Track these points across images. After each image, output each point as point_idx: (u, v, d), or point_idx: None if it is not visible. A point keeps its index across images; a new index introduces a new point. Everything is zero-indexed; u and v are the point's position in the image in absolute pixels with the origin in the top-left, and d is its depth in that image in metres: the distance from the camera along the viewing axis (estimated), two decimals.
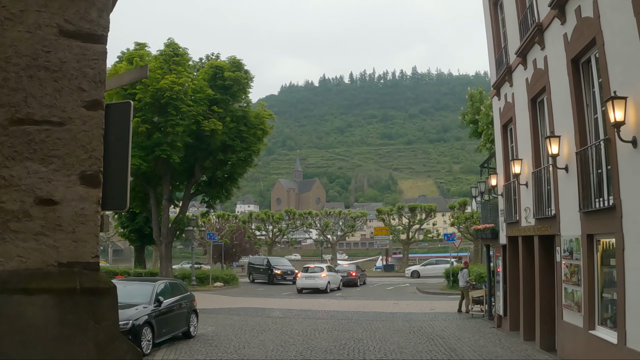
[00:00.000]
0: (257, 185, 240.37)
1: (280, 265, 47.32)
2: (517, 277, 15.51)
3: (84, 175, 4.04)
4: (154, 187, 40.72)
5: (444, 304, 26.76)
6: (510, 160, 15.98)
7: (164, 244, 40.72)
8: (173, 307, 15.42)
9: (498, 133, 17.68)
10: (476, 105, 37.06)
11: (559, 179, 12.02)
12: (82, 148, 4.05)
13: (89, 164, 4.07)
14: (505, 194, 16.43)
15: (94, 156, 4.10)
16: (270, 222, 67.17)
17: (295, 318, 21.90)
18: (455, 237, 39.94)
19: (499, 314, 17.58)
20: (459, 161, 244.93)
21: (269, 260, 48.52)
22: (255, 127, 39.95)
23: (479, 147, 38.10)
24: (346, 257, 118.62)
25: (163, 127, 36.66)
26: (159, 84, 35.77)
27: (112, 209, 6.46)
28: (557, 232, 12.21)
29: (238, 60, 40.48)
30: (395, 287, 41.65)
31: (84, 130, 4.08)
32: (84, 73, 4.09)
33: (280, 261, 50.05)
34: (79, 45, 4.08)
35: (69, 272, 3.92)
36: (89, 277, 3.97)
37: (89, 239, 4.04)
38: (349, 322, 20.31)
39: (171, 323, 15.17)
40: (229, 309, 25.63)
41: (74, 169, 4.01)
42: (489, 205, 19.65)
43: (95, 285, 3.96)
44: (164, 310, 14.74)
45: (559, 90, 11.93)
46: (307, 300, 30.79)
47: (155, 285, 15.12)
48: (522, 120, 14.73)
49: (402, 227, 60.98)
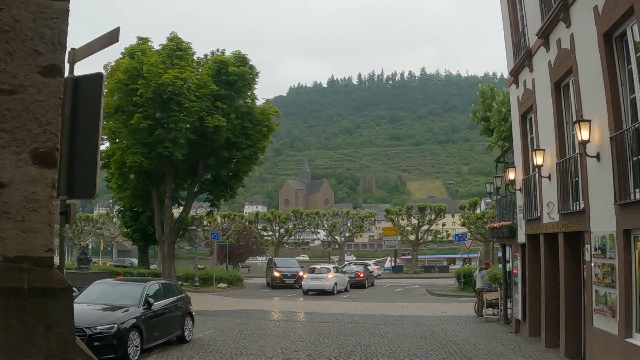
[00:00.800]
0: (265, 186, 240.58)
1: (284, 266, 42.94)
2: (538, 279, 14.29)
3: (37, 153, 3.50)
4: (156, 186, 39.75)
5: (455, 307, 25.54)
6: (531, 152, 14.78)
7: (166, 244, 39.71)
8: (165, 309, 14.30)
9: (516, 123, 16.44)
10: (487, 102, 35.95)
11: (588, 169, 10.79)
12: (36, 121, 3.50)
13: (43, 139, 3.50)
14: (525, 188, 15.20)
15: (49, 131, 3.54)
16: (277, 222, 66.02)
17: (300, 321, 20.76)
18: (467, 237, 38.63)
19: (516, 318, 16.33)
20: (468, 162, 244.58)
21: (274, 262, 44.73)
22: (261, 123, 38.89)
23: (490, 145, 37.02)
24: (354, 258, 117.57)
25: (165, 124, 35.69)
26: (161, 79, 34.78)
27: (79, 196, 5.37)
28: (586, 228, 10.98)
29: (243, 55, 39.44)
30: (404, 288, 40.43)
31: (38, 100, 3.52)
32: (40, 34, 3.56)
33: (288, 262, 45.54)
34: (37, 2, 3.54)
35: (15, 268, 3.40)
36: (40, 275, 3.43)
37: (41, 230, 3.48)
38: (355, 326, 19.12)
39: (163, 327, 14.05)
40: (230, 311, 24.51)
41: (24, 146, 3.45)
42: (505, 201, 18.41)
43: (46, 285, 3.44)
44: (155, 313, 13.63)
45: (588, 70, 10.73)
46: (313, 302, 29.64)
47: (146, 286, 13.99)
48: (545, 107, 13.52)
49: (411, 227, 59.66)
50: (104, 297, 13.74)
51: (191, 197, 41.46)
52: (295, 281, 39.59)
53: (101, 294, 13.93)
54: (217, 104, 36.98)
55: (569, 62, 11.74)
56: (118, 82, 36.30)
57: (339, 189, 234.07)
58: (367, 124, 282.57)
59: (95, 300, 13.56)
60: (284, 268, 41.89)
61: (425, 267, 64.81)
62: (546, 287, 13.66)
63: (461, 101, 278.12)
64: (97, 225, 79.89)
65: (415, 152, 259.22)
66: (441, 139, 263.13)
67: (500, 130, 32.12)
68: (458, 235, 37.97)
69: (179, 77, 35.01)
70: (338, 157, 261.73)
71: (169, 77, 34.72)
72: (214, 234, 43.54)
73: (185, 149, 37.01)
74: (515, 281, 16.52)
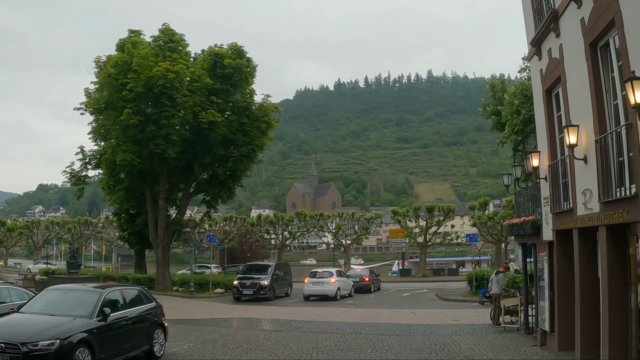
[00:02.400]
0: (272, 190, 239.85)
1: (247, 274, 33.97)
2: (570, 282, 11.99)
3: None
4: (150, 186, 37.71)
5: (468, 314, 23.20)
6: (558, 132, 12.53)
7: (160, 247, 37.65)
8: (128, 321, 12.11)
9: (539, 102, 14.12)
10: (498, 95, 33.74)
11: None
12: None
13: None
14: (552, 176, 12.89)
15: None
16: (280, 224, 63.78)
17: (294, 331, 18.49)
18: (478, 237, 36.26)
19: (542, 328, 13.96)
20: (476, 164, 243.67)
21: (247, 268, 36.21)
22: (259, 119, 36.76)
23: (502, 140, 34.74)
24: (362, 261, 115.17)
25: (157, 120, 33.64)
26: (152, 72, 32.73)
27: None
28: (638, 218, 8.70)
29: (239, 47, 37.35)
30: (412, 293, 38.08)
31: None
32: None
33: (261, 267, 35.48)
34: None
35: None
36: None
37: None
38: (356, 338, 16.84)
39: (124, 341, 11.84)
40: (220, 319, 22.31)
41: None
42: (525, 194, 16.08)
43: None
44: (112, 325, 11.43)
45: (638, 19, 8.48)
46: (313, 308, 27.39)
47: (102, 293, 11.79)
48: (577, 76, 11.24)
49: (419, 229, 57.27)
50: (52, 306, 11.56)
51: (186, 198, 39.35)
52: (256, 291, 31.78)
53: (49, 303, 11.75)
54: (211, 99, 34.91)
55: (609, 13, 9.47)
56: (108, 77, 34.35)
57: (346, 192, 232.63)
58: (374, 127, 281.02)
59: (41, 310, 11.40)
60: (244, 276, 33.63)
61: (434, 270, 62.52)
62: (582, 293, 11.34)
63: (468, 103, 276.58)
64: (97, 230, 77.97)
65: (422, 155, 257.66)
66: (449, 141, 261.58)
67: (512, 124, 29.84)
68: (469, 235, 35.55)
69: (171, 70, 32.96)
70: (345, 160, 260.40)
71: (159, 70, 32.69)
72: (210, 237, 41.19)
73: (178, 147, 35.00)
74: (540, 285, 14.16)
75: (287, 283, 35.97)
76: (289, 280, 36.42)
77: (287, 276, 36.25)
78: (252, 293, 31.69)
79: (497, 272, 19.64)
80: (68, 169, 39.63)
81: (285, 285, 35.46)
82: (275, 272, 33.86)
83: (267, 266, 35.31)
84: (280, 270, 35.62)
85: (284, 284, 35.35)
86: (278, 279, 34.03)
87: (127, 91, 32.88)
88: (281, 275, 35.03)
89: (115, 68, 34.18)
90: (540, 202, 14.16)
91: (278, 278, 34.07)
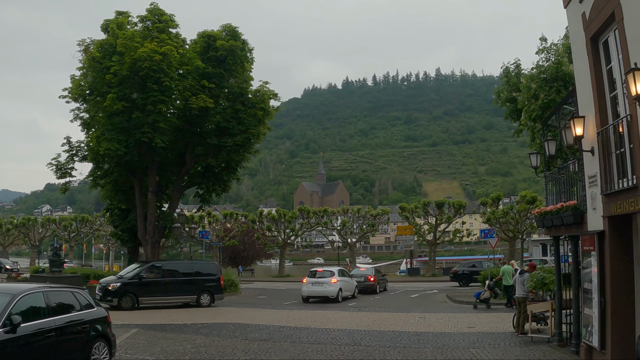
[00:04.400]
0: (280, 189, 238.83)
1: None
2: (629, 285, 9.12)
3: None
4: (139, 179, 35.01)
5: (485, 320, 20.26)
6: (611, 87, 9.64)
7: (150, 244, 34.92)
8: (51, 332, 9.31)
9: (582, 55, 11.12)
10: (513, 80, 30.82)
11: None
12: None
13: None
14: (602, 146, 9.98)
15: None
16: (283, 221, 60.90)
17: (282, 341, 15.67)
18: (494, 233, 33.31)
19: (588, 343, 10.96)
20: (485, 163, 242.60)
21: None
22: (255, 106, 33.95)
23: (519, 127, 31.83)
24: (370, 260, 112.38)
25: (143, 105, 30.91)
26: (137, 53, 30.01)
27: None
28: None
29: (234, 27, 34.56)
30: (421, 294, 35.16)
31: None
32: None
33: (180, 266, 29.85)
34: None
35: None
36: None
37: None
38: (354, 351, 14.00)
39: (42, 358, 9.06)
40: (201, 325, 19.53)
41: None
42: (561, 176, 13.15)
43: None
44: (23, 337, 8.64)
45: None
46: (310, 312, 24.56)
47: (14, 297, 8.98)
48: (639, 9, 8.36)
49: (428, 226, 54.25)
50: None
51: (178, 192, 36.56)
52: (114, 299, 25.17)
53: None
54: (203, 83, 32.16)
55: None
56: (91, 61, 31.73)
57: (354, 191, 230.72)
58: (383, 125, 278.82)
59: None
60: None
61: (444, 269, 59.54)
62: None
63: (477, 101, 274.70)
64: (95, 227, 75.41)
65: (431, 153, 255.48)
66: (457, 139, 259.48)
67: (529, 110, 26.99)
68: (484, 231, 32.52)
69: (158, 52, 30.20)
70: (353, 158, 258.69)
71: (145, 52, 29.95)
72: (203, 232, 38.40)
73: (168, 136, 32.34)
74: (585, 289, 11.18)
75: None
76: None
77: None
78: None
79: (521, 271, 16.62)
80: (54, 161, 36.62)
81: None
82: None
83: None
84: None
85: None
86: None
87: (111, 75, 30.22)
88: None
89: (99, 51, 31.60)
90: (582, 183, 11.25)
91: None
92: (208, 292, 28.07)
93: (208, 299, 27.84)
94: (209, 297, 27.91)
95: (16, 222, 76.23)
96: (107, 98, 30.20)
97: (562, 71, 24.87)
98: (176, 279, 27.83)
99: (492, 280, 26.21)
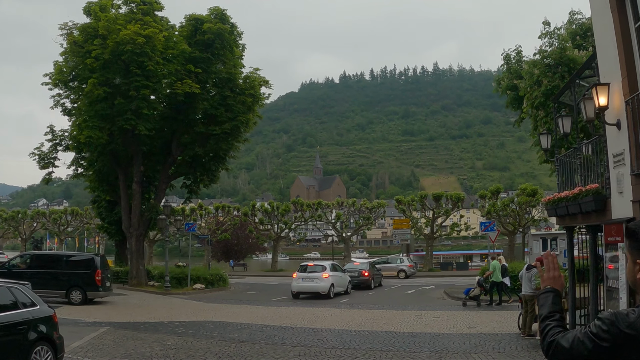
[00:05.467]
0: (276, 183, 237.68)
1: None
2: None
3: None
4: (124, 169, 33.48)
5: (486, 318, 18.75)
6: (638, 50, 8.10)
7: (134, 237, 33.43)
8: None
9: (604, 11, 9.51)
10: (514, 67, 29.59)
11: None
12: None
13: None
14: (631, 117, 8.44)
15: None
16: (275, 214, 59.29)
17: (262, 343, 14.16)
18: (495, 226, 31.80)
19: None
20: (482, 157, 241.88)
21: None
22: (244, 92, 32.43)
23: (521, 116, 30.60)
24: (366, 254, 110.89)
25: (126, 91, 29.35)
26: (119, 36, 28.41)
27: None
28: None
29: (222, 10, 33.04)
30: (417, 290, 33.69)
31: None
32: None
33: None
34: None
35: None
36: None
37: None
38: (341, 356, 12.50)
39: None
40: (178, 323, 18.01)
41: None
42: (576, 158, 11.59)
43: None
44: None
45: None
46: (300, 309, 23.07)
47: None
48: None
49: (425, 219, 52.72)
50: None
51: (164, 182, 34.98)
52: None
53: None
54: (189, 68, 30.56)
55: None
56: (73, 45, 30.18)
57: (351, 185, 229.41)
58: (380, 120, 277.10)
59: None
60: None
61: (442, 264, 58.10)
62: None
63: (475, 96, 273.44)
64: (85, 220, 73.69)
65: (428, 148, 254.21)
66: (455, 134, 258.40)
67: (532, 97, 25.61)
68: (484, 224, 31.04)
69: (141, 34, 28.61)
70: (350, 153, 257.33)
71: (128, 34, 28.36)
72: (189, 225, 36.82)
73: (152, 123, 30.89)
74: (610, 287, 9.61)
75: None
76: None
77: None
78: None
79: (528, 266, 15.07)
80: (36, 151, 34.86)
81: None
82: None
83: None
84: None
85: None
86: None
87: (93, 59, 28.64)
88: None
89: (81, 35, 30.05)
90: (604, 163, 9.71)
91: None
92: (79, 288, 23.76)
93: (80, 296, 23.60)
94: (80, 294, 23.63)
95: (5, 216, 74.43)
96: (88, 83, 28.73)
97: (567, 56, 23.39)
98: (43, 271, 23.86)
99: (482, 276, 24.78)
